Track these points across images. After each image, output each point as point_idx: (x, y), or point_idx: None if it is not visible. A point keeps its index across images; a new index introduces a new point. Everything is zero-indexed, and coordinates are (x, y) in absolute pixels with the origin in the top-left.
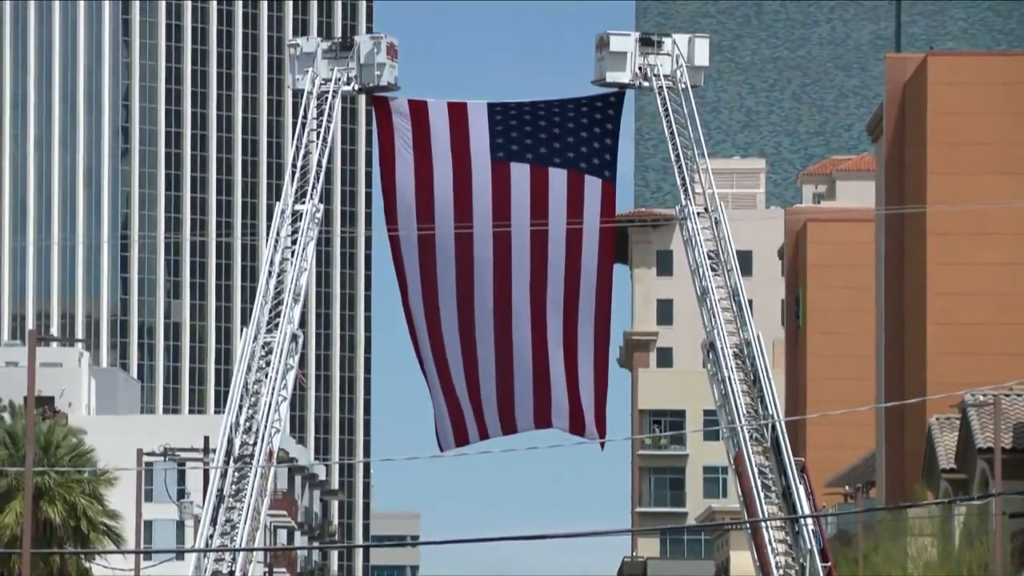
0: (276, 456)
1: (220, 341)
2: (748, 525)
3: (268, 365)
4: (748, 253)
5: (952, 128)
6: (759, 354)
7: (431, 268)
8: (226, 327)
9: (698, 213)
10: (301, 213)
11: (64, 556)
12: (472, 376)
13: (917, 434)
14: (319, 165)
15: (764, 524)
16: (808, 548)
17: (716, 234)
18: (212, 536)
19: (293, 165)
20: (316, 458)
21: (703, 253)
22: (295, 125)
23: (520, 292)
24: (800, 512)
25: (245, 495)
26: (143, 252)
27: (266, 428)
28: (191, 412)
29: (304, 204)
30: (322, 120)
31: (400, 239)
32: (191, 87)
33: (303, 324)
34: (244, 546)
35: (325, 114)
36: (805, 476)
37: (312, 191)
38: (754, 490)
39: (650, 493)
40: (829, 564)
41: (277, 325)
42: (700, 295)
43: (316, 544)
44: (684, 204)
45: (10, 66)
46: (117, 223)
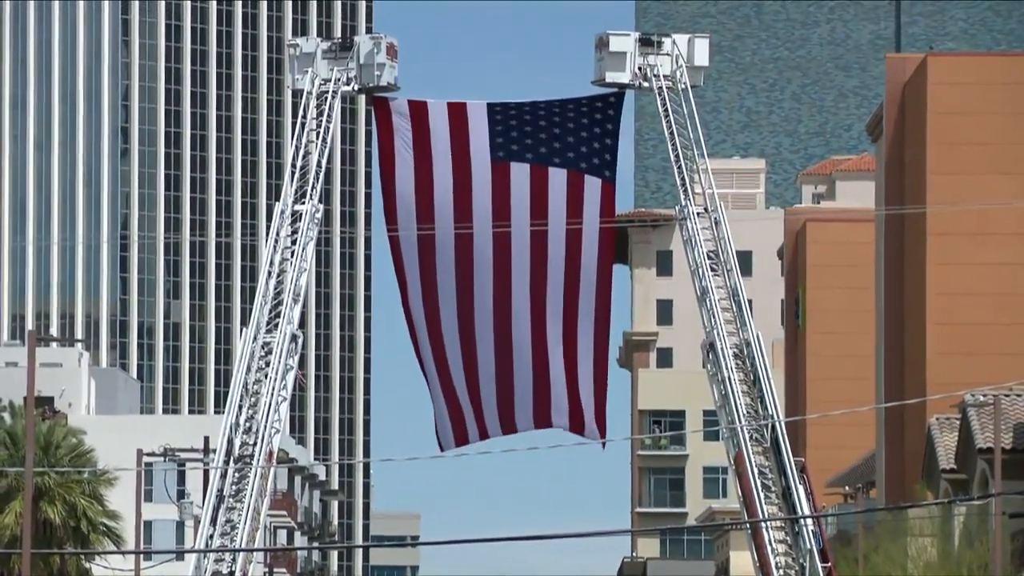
0: (276, 456)
1: (220, 341)
2: (748, 525)
3: (268, 365)
4: (748, 253)
5: (952, 128)
6: (759, 354)
7: (431, 268)
8: (226, 327)
9: (698, 213)
10: (301, 213)
11: (64, 556)
12: (472, 376)
13: (917, 434)
14: (319, 165)
15: (764, 524)
16: (808, 548)
17: (716, 234)
18: (212, 536)
19: (293, 165)
20: (316, 458)
21: (703, 253)
22: (295, 125)
23: (520, 291)
24: (800, 512)
25: (245, 495)
26: (143, 252)
27: (266, 428)
28: (191, 412)
29: (304, 204)
30: (322, 120)
31: (400, 239)
32: (191, 87)
33: (303, 324)
34: (244, 546)
35: (325, 114)
36: (805, 476)
37: (312, 191)
38: (754, 490)
39: (650, 493)
40: (829, 564)
41: (277, 325)
42: (700, 295)
43: (316, 544)
44: (684, 204)
45: (10, 66)
46: (117, 223)
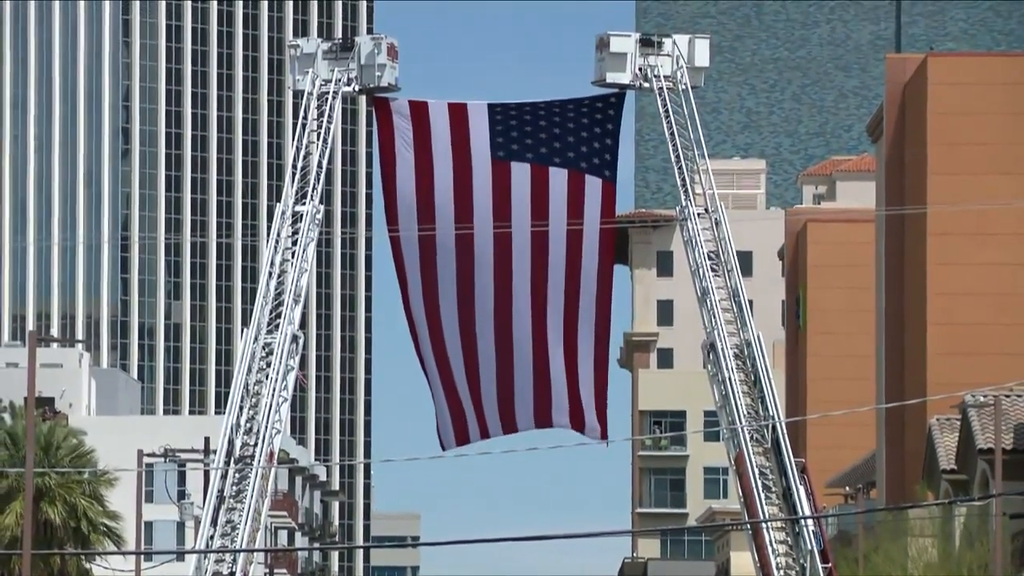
0: (277, 457)
1: (220, 342)
2: (749, 526)
3: (268, 366)
4: (748, 254)
5: (952, 128)
6: (759, 355)
7: (431, 267)
8: (226, 328)
9: (698, 214)
10: (301, 214)
11: (64, 557)
12: (473, 374)
13: (917, 435)
14: (319, 166)
15: (765, 525)
16: (808, 549)
17: (716, 235)
18: (213, 537)
19: (293, 166)
20: (317, 459)
21: (703, 254)
22: (295, 126)
23: (520, 291)
24: (800, 513)
25: (246, 496)
26: (143, 253)
27: (267, 429)
28: (191, 413)
29: (304, 205)
30: (322, 121)
31: (401, 239)
32: (191, 88)
33: (303, 325)
34: (245, 547)
35: (325, 115)
36: (805, 477)
37: (312, 192)
38: (755, 491)
39: (650, 494)
40: (830, 565)
41: (278, 326)
42: (700, 296)
43: (317, 545)
44: (684, 205)
45: (10, 66)
46: (117, 224)
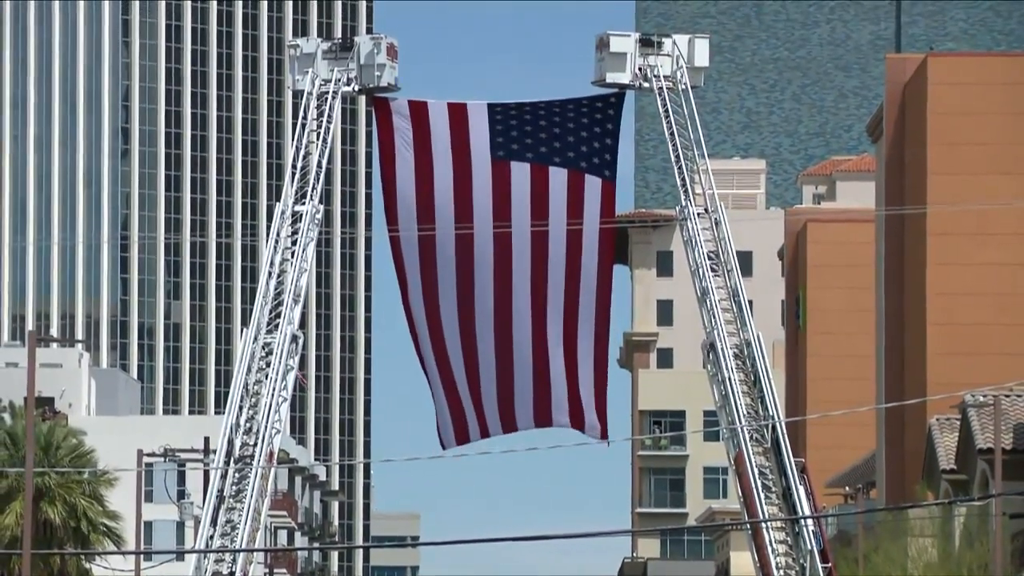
0: (276, 457)
1: (220, 342)
2: (748, 526)
3: (268, 366)
4: (748, 254)
5: (952, 128)
6: (759, 355)
7: (431, 266)
8: (226, 328)
9: (698, 214)
10: (301, 214)
11: (64, 557)
12: (473, 372)
13: (917, 435)
14: (319, 166)
15: (764, 525)
16: (808, 549)
17: (716, 235)
18: (212, 537)
19: (293, 166)
20: (316, 459)
21: (703, 254)
22: (295, 126)
23: (520, 290)
24: (800, 513)
25: (245, 496)
26: (143, 253)
27: (266, 429)
28: (191, 413)
29: (304, 205)
30: (322, 121)
31: (401, 239)
32: (191, 88)
33: (303, 325)
34: (244, 547)
35: (325, 115)
36: (805, 477)
37: (312, 192)
38: (754, 491)
39: (650, 494)
40: (829, 565)
41: (277, 326)
42: (700, 296)
43: (316, 545)
44: (684, 205)
45: (10, 66)
46: (117, 224)
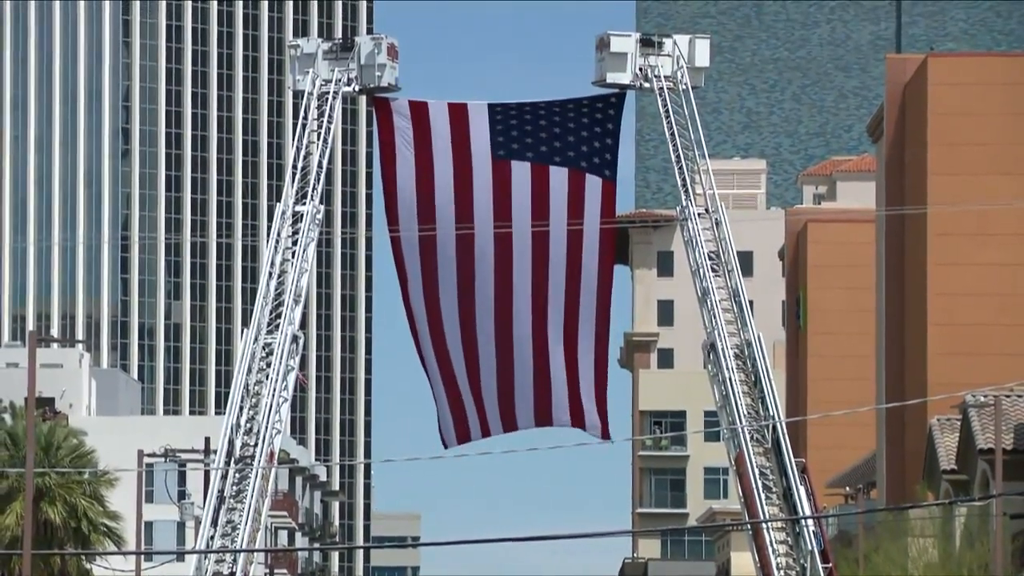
0: (277, 457)
1: (221, 342)
2: (749, 526)
3: (269, 366)
4: (749, 254)
5: (952, 129)
6: (760, 355)
7: (432, 266)
8: (226, 328)
9: (699, 214)
10: (302, 214)
11: (65, 557)
12: (473, 371)
13: (918, 435)
14: (319, 166)
15: (765, 525)
16: (809, 549)
17: (717, 235)
18: (213, 537)
19: (293, 166)
20: (317, 459)
21: (704, 254)
22: (295, 126)
23: (521, 290)
24: (801, 513)
25: (246, 496)
26: (143, 253)
27: (267, 429)
28: (192, 413)
29: (305, 205)
30: (323, 121)
31: (401, 239)
32: (191, 88)
33: (304, 325)
34: (245, 547)
35: (326, 115)
36: (806, 477)
37: (313, 192)
38: (755, 491)
39: (651, 494)
40: (830, 565)
41: (278, 326)
42: (701, 296)
43: (317, 545)
44: (685, 205)
45: (10, 66)
46: (117, 224)
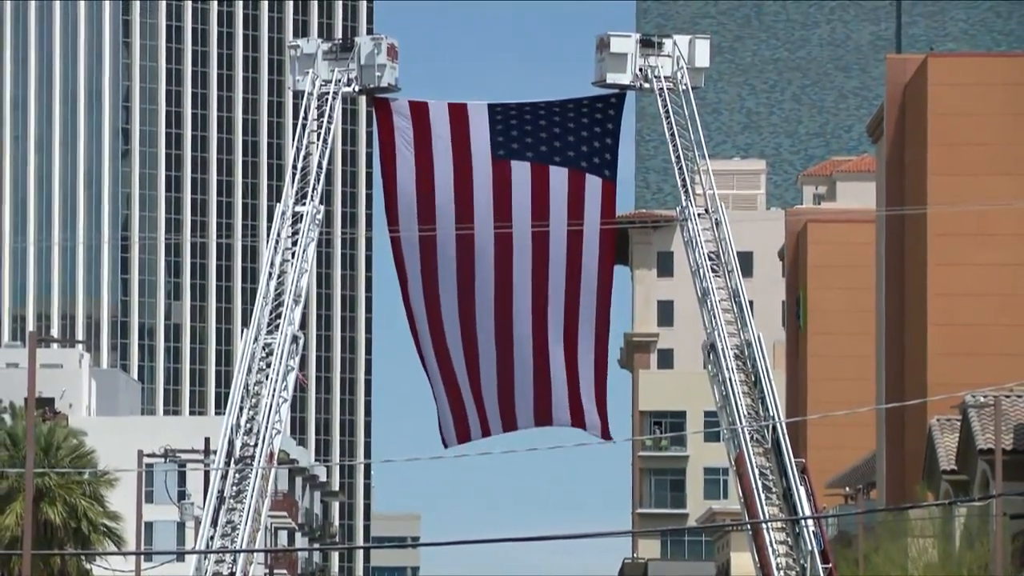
0: (277, 457)
1: (220, 343)
2: (749, 526)
3: (269, 367)
4: (749, 254)
5: (952, 129)
6: (760, 355)
7: (432, 266)
8: (226, 328)
9: (699, 214)
10: (301, 215)
11: (64, 557)
12: (473, 373)
13: (918, 435)
14: (319, 166)
15: (765, 525)
16: (809, 549)
17: (717, 235)
18: (213, 537)
19: (293, 167)
20: (317, 459)
21: (704, 254)
22: (295, 126)
23: (521, 290)
24: (801, 513)
25: (246, 496)
26: (143, 253)
27: (267, 429)
28: (192, 413)
29: (304, 205)
30: (322, 121)
31: (401, 239)
32: (191, 88)
33: (304, 326)
34: (245, 547)
35: (325, 115)
36: (806, 477)
37: (312, 192)
38: (755, 491)
39: (651, 494)
40: (830, 565)
41: (278, 327)
42: (701, 296)
43: (317, 545)
44: (685, 205)
45: (10, 66)
46: (117, 224)
